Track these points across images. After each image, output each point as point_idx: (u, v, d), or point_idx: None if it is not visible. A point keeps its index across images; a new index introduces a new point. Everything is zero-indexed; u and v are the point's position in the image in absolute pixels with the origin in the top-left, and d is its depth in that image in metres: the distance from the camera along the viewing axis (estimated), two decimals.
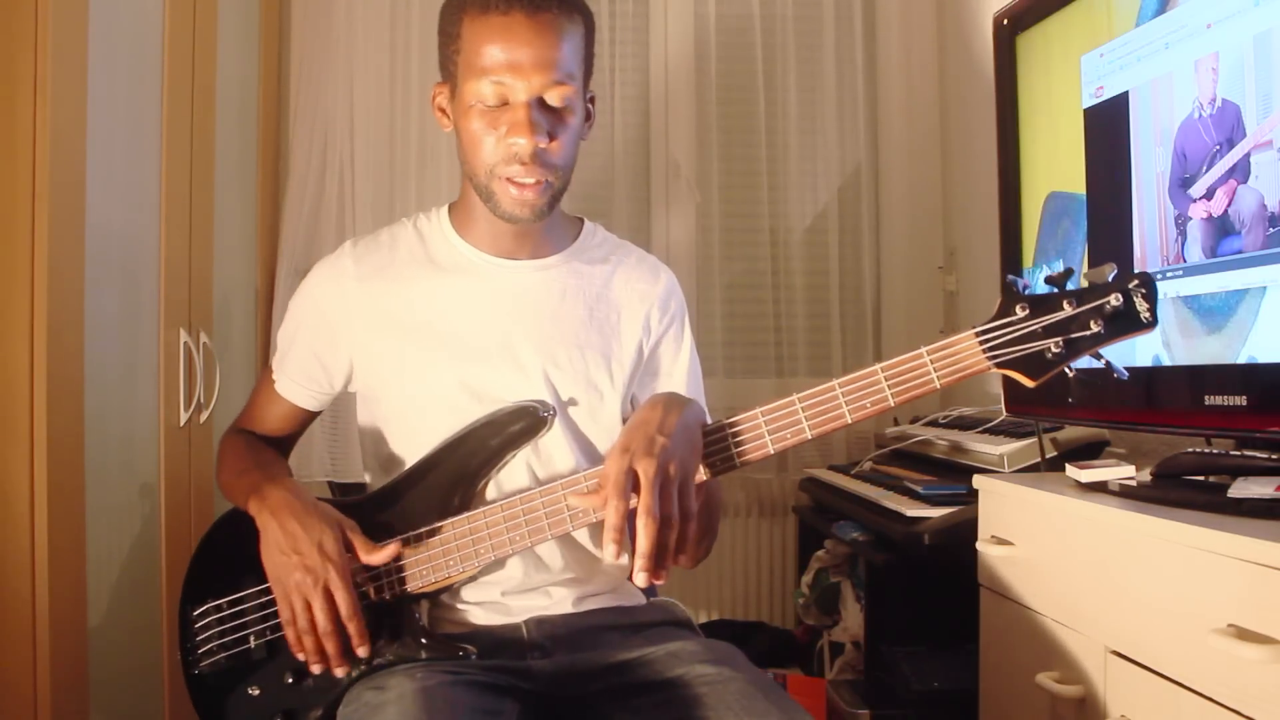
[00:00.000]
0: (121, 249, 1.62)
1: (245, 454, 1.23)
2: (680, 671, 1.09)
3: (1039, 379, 0.99)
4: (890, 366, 1.01)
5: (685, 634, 1.20)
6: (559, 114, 1.11)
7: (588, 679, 1.13)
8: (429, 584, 1.11)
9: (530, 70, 1.07)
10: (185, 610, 1.16)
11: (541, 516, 1.09)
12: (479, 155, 1.12)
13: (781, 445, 1.04)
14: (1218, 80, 1.21)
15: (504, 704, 1.05)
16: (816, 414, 1.03)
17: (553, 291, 1.22)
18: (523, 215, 1.13)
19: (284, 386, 1.26)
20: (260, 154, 2.36)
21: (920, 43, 2.64)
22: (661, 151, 2.65)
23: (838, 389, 1.02)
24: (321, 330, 1.22)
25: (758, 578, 2.66)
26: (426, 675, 1.04)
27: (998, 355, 0.99)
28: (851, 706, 1.91)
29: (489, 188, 1.13)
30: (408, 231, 1.25)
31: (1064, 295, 0.97)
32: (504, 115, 1.09)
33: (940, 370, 1.00)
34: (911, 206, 2.63)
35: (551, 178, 1.12)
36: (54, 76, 1.35)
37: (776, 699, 1.03)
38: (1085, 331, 0.96)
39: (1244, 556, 0.93)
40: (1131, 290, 0.96)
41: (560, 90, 1.09)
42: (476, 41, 1.08)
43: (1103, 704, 1.15)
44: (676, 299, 1.28)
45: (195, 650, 1.15)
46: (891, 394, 1.01)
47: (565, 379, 1.19)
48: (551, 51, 1.07)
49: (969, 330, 1.00)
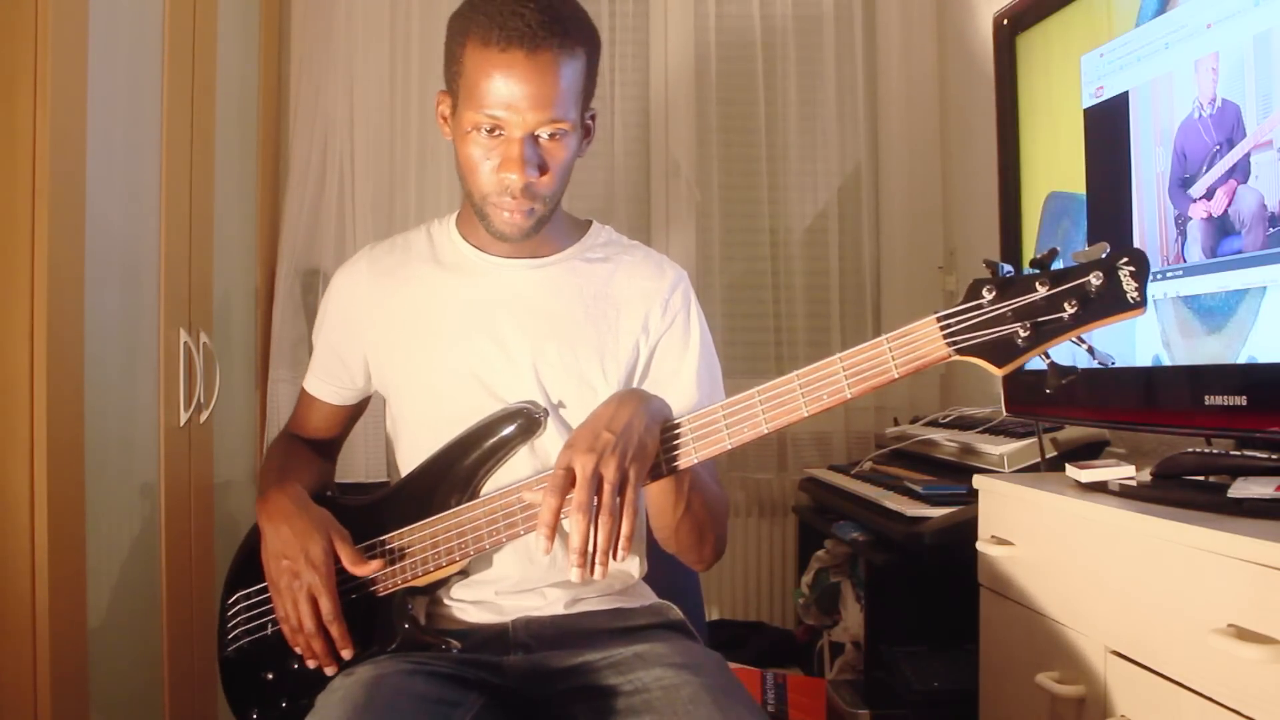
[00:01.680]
0: (121, 249, 1.62)
1: (277, 457, 1.32)
2: (640, 674, 1.10)
3: (1005, 365, 0.91)
4: (849, 356, 0.96)
5: (668, 636, 1.20)
6: (552, 149, 1.13)
7: (556, 678, 1.14)
8: (419, 577, 1.15)
9: (525, 109, 1.09)
10: (224, 599, 1.26)
11: (517, 512, 1.10)
12: (475, 181, 1.15)
13: (740, 439, 1.01)
14: (1218, 80, 1.21)
15: (466, 696, 1.07)
16: (774, 406, 0.99)
17: (547, 289, 1.23)
18: (511, 235, 1.17)
19: (312, 384, 1.34)
20: (260, 154, 2.35)
21: (920, 43, 2.65)
22: (661, 152, 2.65)
23: (796, 381, 0.98)
24: (340, 328, 1.29)
25: (758, 578, 2.66)
26: (391, 664, 1.09)
27: (958, 341, 0.92)
28: (851, 706, 1.92)
29: (483, 209, 1.17)
30: (421, 235, 1.30)
31: (1037, 276, 0.90)
32: (498, 147, 1.12)
33: (899, 359, 0.94)
34: (911, 206, 2.63)
35: (538, 205, 1.15)
36: (54, 76, 1.35)
37: (725, 704, 1.02)
38: (1059, 314, 0.88)
39: (1244, 556, 0.93)
40: (1117, 268, 0.87)
41: (555, 126, 1.11)
42: (476, 74, 1.10)
43: (1103, 704, 1.15)
44: (681, 296, 1.27)
45: (226, 636, 1.24)
46: (849, 385, 0.96)
47: (556, 375, 1.20)
48: (548, 90, 1.09)
49: (930, 316, 0.94)
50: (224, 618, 1.25)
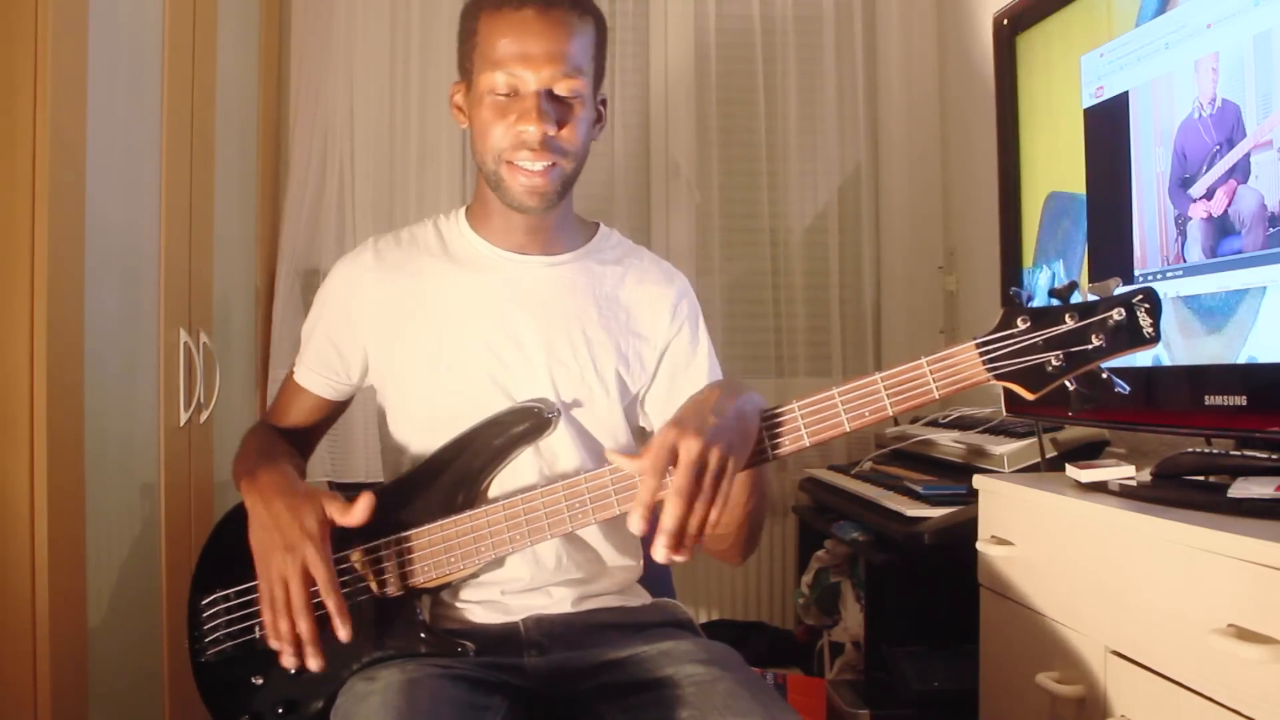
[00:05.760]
0: (121, 249, 1.62)
1: (256, 444, 1.25)
2: (670, 671, 1.10)
3: (1038, 392, 0.99)
4: (890, 376, 1.01)
5: (682, 634, 1.20)
6: (568, 105, 1.14)
7: (580, 677, 1.13)
8: (429, 580, 1.12)
9: (541, 62, 1.11)
10: (194, 600, 1.19)
11: (542, 516, 1.09)
12: (488, 141, 1.15)
13: (781, 452, 1.03)
14: (1218, 80, 1.21)
15: (493, 700, 1.06)
16: (815, 421, 1.02)
17: (562, 287, 1.23)
18: (531, 204, 1.16)
19: (303, 376, 1.29)
20: (260, 154, 2.35)
21: (920, 43, 2.65)
22: (661, 151, 2.65)
23: (837, 397, 1.02)
24: (340, 320, 1.25)
25: (758, 578, 2.66)
26: (417, 668, 1.06)
27: (997, 367, 0.98)
28: (851, 706, 1.92)
29: (498, 174, 1.16)
30: (427, 230, 1.28)
31: (1066, 309, 0.97)
32: (514, 105, 1.13)
33: (940, 381, 1.00)
34: (911, 206, 2.63)
35: (562, 161, 1.15)
36: (54, 76, 1.35)
37: (763, 699, 1.03)
38: (1086, 345, 0.96)
39: (1244, 557, 0.93)
40: (1135, 305, 0.96)
41: (569, 83, 1.13)
42: (491, 36, 1.13)
43: (1103, 704, 1.15)
44: (688, 303, 1.29)
45: (203, 639, 1.17)
46: (890, 404, 1.00)
47: (568, 374, 1.20)
48: (561, 45, 1.12)
49: (970, 341, 1.00)
50: (196, 620, 1.18)
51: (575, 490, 1.08)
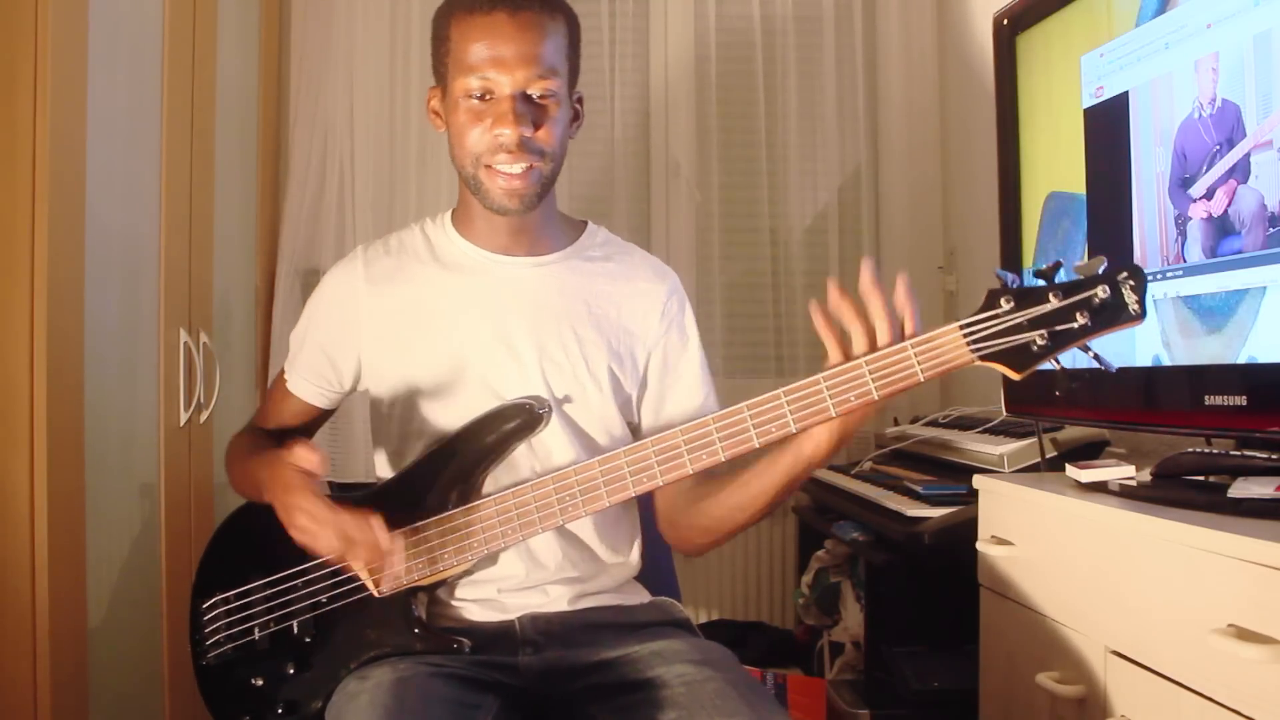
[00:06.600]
0: (121, 249, 1.62)
1: (251, 449, 1.26)
2: (661, 671, 1.10)
3: (1024, 371, 0.97)
4: (874, 359, 1.00)
5: (678, 633, 1.20)
6: (543, 106, 1.14)
7: (572, 676, 1.14)
8: (425, 577, 1.13)
9: (514, 64, 1.11)
10: (195, 603, 1.21)
11: (532, 509, 1.10)
12: (465, 146, 1.15)
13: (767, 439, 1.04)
14: (1218, 80, 1.21)
15: (485, 698, 1.07)
16: (801, 408, 1.02)
17: (549, 287, 1.23)
18: (511, 206, 1.16)
19: (295, 384, 1.29)
20: (260, 154, 2.36)
21: (920, 43, 2.64)
22: (661, 151, 2.65)
23: (823, 383, 1.02)
24: (333, 329, 1.26)
25: (758, 578, 2.66)
26: (409, 667, 1.07)
27: (981, 348, 0.97)
28: (851, 706, 1.92)
29: (476, 178, 1.17)
30: (415, 235, 1.29)
31: (1050, 288, 0.96)
32: (490, 108, 1.13)
33: (924, 363, 0.99)
34: (911, 206, 2.63)
35: (539, 162, 1.15)
36: (54, 76, 1.35)
37: (751, 699, 1.03)
38: (1071, 324, 0.95)
39: (1244, 557, 0.93)
40: (1120, 282, 0.94)
41: (544, 84, 1.13)
42: (463, 41, 1.13)
43: (1103, 704, 1.15)
44: (678, 300, 1.29)
45: (204, 642, 1.19)
46: (875, 387, 1.00)
47: (560, 372, 1.20)
48: (534, 47, 1.12)
49: (953, 324, 0.99)
50: (197, 623, 1.21)
51: (565, 483, 1.09)
